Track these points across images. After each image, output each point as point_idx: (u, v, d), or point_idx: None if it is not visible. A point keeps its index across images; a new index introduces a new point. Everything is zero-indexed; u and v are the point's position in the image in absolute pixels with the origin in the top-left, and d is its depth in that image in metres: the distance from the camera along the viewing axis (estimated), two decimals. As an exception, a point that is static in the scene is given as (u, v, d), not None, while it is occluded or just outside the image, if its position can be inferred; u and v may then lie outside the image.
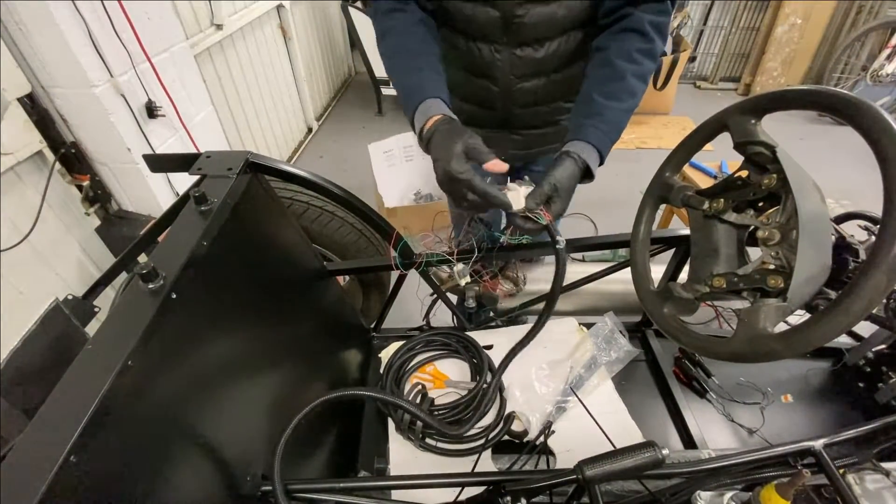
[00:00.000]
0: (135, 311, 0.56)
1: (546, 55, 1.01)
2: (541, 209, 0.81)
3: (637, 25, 0.89)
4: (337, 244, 1.53)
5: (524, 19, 0.94)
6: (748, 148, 0.70)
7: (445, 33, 1.04)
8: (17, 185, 1.51)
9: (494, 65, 1.03)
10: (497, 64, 1.03)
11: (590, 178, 0.89)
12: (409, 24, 0.95)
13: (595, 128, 0.87)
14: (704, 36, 4.52)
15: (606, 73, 0.90)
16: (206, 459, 0.65)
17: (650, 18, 0.89)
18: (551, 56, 1.01)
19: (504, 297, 1.24)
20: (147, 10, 1.66)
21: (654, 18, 0.89)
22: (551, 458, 0.93)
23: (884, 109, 0.54)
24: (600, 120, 0.88)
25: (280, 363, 0.91)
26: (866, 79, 3.77)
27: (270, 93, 3.22)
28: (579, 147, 0.86)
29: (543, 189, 0.81)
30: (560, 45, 1.00)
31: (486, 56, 1.02)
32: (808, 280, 0.61)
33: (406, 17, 0.96)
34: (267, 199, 0.95)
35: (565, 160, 0.85)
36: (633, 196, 1.11)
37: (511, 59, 1.02)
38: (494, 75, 1.06)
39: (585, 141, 0.87)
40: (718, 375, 1.14)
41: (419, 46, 0.94)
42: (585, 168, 0.86)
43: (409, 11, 0.96)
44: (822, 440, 0.76)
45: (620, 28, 0.91)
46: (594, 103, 0.88)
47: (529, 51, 1.01)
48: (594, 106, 0.88)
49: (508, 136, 1.21)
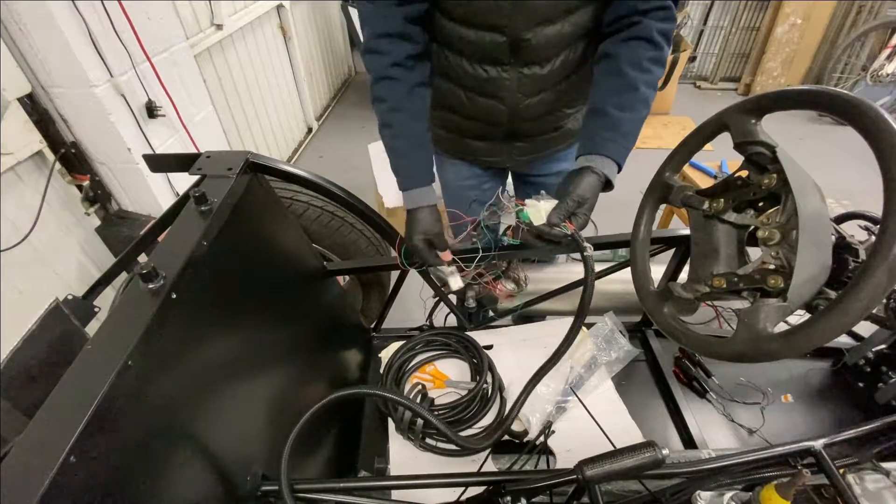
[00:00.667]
0: (135, 311, 0.56)
1: (552, 70, 1.01)
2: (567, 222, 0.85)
3: (646, 34, 0.88)
4: (337, 244, 1.53)
5: (532, 42, 0.93)
6: (748, 148, 0.70)
7: (449, 56, 1.02)
8: (17, 185, 1.51)
9: (502, 85, 1.02)
10: (505, 84, 1.02)
11: (610, 188, 0.92)
12: (403, 96, 0.95)
13: (614, 141, 0.89)
14: (704, 36, 4.52)
15: (619, 84, 0.90)
16: (205, 459, 0.65)
17: (659, 26, 0.88)
18: (557, 70, 1.01)
19: (506, 297, 1.24)
20: (147, 10, 1.66)
21: (662, 26, 0.89)
22: (551, 458, 0.93)
23: (884, 109, 0.54)
24: (617, 133, 0.89)
25: (280, 363, 0.91)
26: (866, 79, 3.77)
27: (270, 93, 3.22)
28: (599, 161, 0.88)
29: (568, 205, 0.85)
30: (565, 59, 1.00)
31: (492, 77, 1.01)
32: (808, 280, 0.61)
33: (399, 87, 0.94)
34: (267, 199, 0.95)
35: (588, 175, 0.87)
36: (633, 196, 1.11)
37: (518, 79, 1.01)
38: (501, 95, 1.05)
39: (604, 155, 0.89)
40: (718, 375, 1.14)
41: (411, 124, 0.97)
42: (606, 180, 0.89)
43: (402, 80, 0.94)
44: (822, 440, 0.76)
45: (629, 36, 0.90)
46: (609, 116, 0.89)
47: (536, 69, 1.00)
48: (610, 119, 0.89)
49: (513, 145, 1.20)
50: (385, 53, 0.93)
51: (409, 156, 0.98)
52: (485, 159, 1.26)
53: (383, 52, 0.93)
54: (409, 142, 0.98)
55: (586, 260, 0.89)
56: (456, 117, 1.17)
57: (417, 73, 0.97)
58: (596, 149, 0.89)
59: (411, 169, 0.98)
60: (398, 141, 0.98)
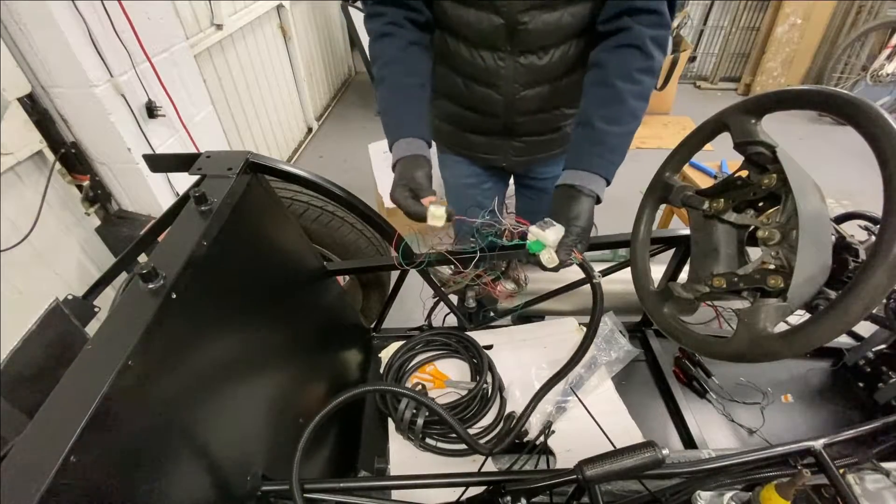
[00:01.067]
0: (135, 311, 0.56)
1: (550, 63, 1.00)
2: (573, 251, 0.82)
3: (637, 41, 0.86)
4: (337, 244, 1.53)
5: (528, 26, 0.93)
6: (748, 148, 0.70)
7: (448, 41, 1.03)
8: (17, 185, 1.51)
9: (498, 73, 1.02)
10: (501, 72, 1.02)
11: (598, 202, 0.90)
12: (397, 51, 0.94)
13: (600, 157, 0.87)
14: (704, 36, 4.52)
15: (607, 95, 0.88)
16: (205, 459, 0.65)
17: (651, 34, 0.86)
18: (555, 63, 1.01)
19: (506, 297, 1.24)
20: (147, 10, 1.66)
21: (655, 33, 0.86)
22: (551, 458, 0.93)
23: (884, 109, 0.54)
24: (604, 148, 0.87)
25: (280, 363, 0.91)
26: (866, 79, 3.77)
27: (270, 93, 3.22)
28: (587, 179, 0.86)
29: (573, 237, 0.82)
30: (564, 53, 1.00)
31: (489, 64, 1.01)
32: (808, 280, 0.61)
33: (395, 42, 0.94)
34: (267, 199, 0.95)
35: (581, 200, 0.85)
36: (633, 196, 1.11)
37: (515, 68, 1.01)
38: (498, 84, 1.05)
39: (592, 172, 0.87)
40: (718, 375, 1.14)
41: (403, 79, 0.94)
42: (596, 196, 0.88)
43: (398, 36, 0.94)
44: (822, 440, 0.76)
45: (619, 43, 0.88)
46: (596, 130, 0.87)
47: (533, 58, 1.00)
48: (597, 133, 0.87)
49: (510, 143, 1.20)
50: (383, 14, 0.94)
51: (399, 107, 0.94)
52: (484, 156, 1.26)
53: (381, 14, 0.94)
54: (401, 94, 0.94)
55: (595, 288, 0.89)
56: (454, 107, 1.17)
57: (415, 34, 0.96)
58: (583, 164, 0.87)
59: (400, 119, 0.93)
60: (390, 93, 0.94)
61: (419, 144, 0.90)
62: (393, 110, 0.94)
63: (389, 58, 0.94)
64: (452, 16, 0.96)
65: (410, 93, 0.94)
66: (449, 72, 1.10)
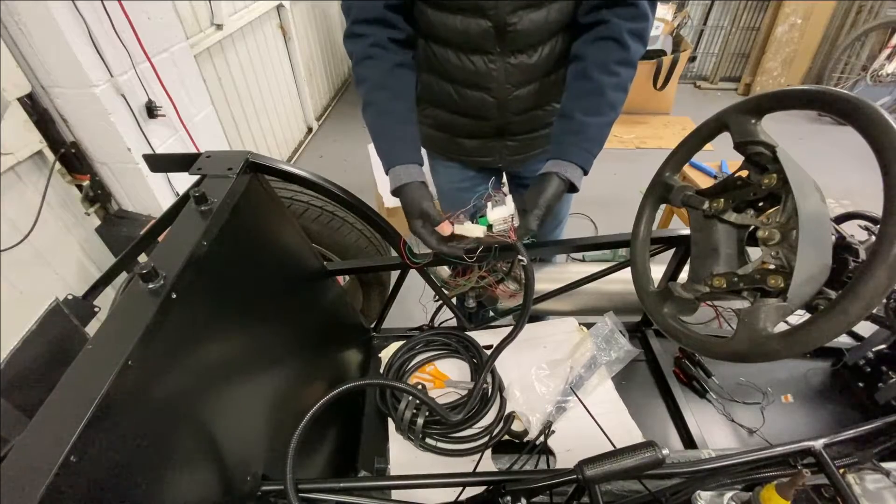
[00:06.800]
0: (135, 311, 0.56)
1: (539, 60, 1.00)
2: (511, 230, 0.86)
3: (615, 34, 0.88)
4: (337, 244, 1.53)
5: (517, 27, 0.93)
6: (748, 148, 0.70)
7: (435, 50, 1.02)
8: (17, 184, 1.51)
9: (489, 76, 1.02)
10: (492, 74, 1.02)
11: (574, 190, 0.93)
12: (383, 76, 0.94)
13: (577, 146, 0.90)
14: (704, 36, 4.52)
15: (586, 87, 0.91)
16: (205, 459, 0.65)
17: (629, 27, 0.88)
18: (544, 60, 1.01)
19: (508, 297, 1.24)
20: (147, 10, 1.66)
21: (633, 26, 0.88)
22: (551, 458, 0.93)
23: (884, 109, 0.54)
24: (582, 138, 0.90)
25: (280, 363, 0.91)
26: (866, 79, 3.78)
27: (270, 93, 3.22)
28: (563, 167, 0.89)
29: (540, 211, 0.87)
30: (552, 48, 1.00)
31: (480, 68, 1.01)
32: (808, 280, 0.61)
33: (380, 65, 0.94)
34: (267, 199, 0.95)
35: (553, 180, 0.89)
36: (633, 196, 1.11)
37: (506, 69, 1.01)
38: (490, 86, 1.04)
39: (569, 161, 0.89)
40: (718, 375, 1.14)
41: (391, 104, 0.95)
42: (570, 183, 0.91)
43: (382, 59, 0.94)
44: (822, 440, 0.76)
45: (598, 36, 0.90)
46: (576, 121, 0.90)
47: (523, 58, 1.00)
48: (576, 123, 0.90)
49: (504, 143, 1.19)
50: (365, 36, 0.93)
51: (392, 133, 0.96)
52: (477, 160, 1.25)
53: (363, 35, 0.93)
54: (391, 119, 0.95)
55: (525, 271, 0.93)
56: (446, 114, 1.16)
57: (399, 55, 0.96)
58: (562, 154, 0.90)
59: (392, 145, 0.95)
60: (380, 119, 0.96)
61: (415, 170, 0.93)
62: (384, 136, 0.96)
63: (375, 83, 0.95)
64: (438, 24, 0.96)
65: (400, 117, 0.96)
66: (438, 80, 1.09)
